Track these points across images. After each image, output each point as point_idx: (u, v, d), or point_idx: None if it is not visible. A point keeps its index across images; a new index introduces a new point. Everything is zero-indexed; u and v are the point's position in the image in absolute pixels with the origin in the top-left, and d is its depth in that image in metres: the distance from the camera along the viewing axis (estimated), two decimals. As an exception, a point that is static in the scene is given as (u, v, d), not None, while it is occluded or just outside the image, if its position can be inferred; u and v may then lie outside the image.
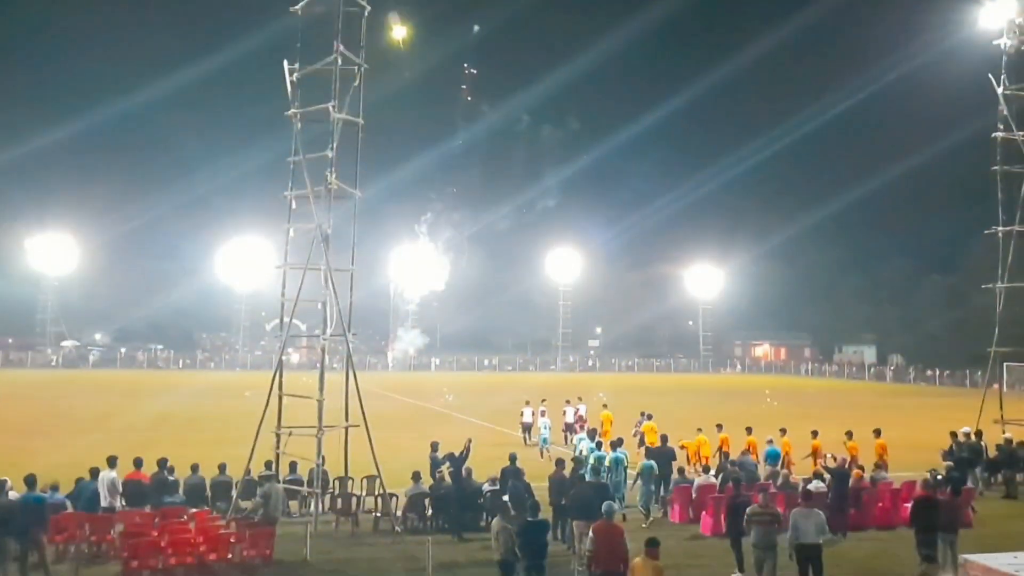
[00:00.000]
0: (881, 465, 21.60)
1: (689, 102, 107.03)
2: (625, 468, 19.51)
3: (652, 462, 19.49)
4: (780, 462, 21.96)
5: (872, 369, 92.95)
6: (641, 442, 24.41)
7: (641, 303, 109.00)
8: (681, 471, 20.38)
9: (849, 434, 22.57)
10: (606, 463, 19.22)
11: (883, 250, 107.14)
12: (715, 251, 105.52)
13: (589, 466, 18.97)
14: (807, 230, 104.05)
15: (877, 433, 23.08)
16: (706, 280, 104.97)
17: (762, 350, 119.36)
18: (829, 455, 20.49)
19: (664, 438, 21.86)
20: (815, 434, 23.40)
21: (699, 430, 24.28)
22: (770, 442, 22.56)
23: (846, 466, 19.00)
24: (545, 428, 29.08)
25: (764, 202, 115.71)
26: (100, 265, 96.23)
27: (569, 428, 31.52)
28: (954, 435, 23.78)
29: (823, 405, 51.39)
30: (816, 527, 13.46)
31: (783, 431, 23.68)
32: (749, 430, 23.87)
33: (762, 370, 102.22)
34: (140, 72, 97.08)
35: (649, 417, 27.57)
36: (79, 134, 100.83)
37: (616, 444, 20.68)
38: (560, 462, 18.05)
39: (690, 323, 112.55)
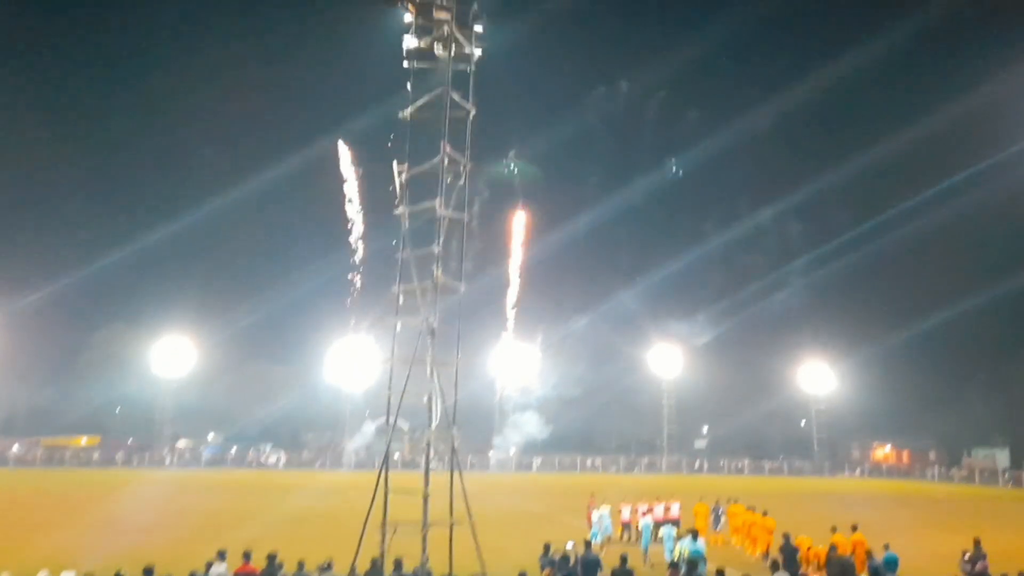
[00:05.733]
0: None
1: (801, 187, 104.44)
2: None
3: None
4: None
5: (1007, 474, 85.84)
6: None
7: (750, 402, 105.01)
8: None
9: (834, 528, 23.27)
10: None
11: (1013, 344, 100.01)
12: (828, 348, 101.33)
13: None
14: (929, 325, 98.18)
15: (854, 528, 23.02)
16: (819, 378, 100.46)
17: (882, 453, 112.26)
18: (966, 555, 18.71)
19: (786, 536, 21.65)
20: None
21: (833, 529, 23.46)
22: (886, 547, 21.32)
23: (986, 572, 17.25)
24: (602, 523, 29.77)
25: (882, 297, 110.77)
26: (214, 366, 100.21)
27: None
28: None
29: (950, 512, 47.56)
30: None
31: (854, 528, 23.23)
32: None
33: (883, 474, 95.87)
34: (249, 175, 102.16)
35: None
36: (193, 239, 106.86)
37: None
38: (675, 565, 17.20)
39: (803, 423, 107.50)
